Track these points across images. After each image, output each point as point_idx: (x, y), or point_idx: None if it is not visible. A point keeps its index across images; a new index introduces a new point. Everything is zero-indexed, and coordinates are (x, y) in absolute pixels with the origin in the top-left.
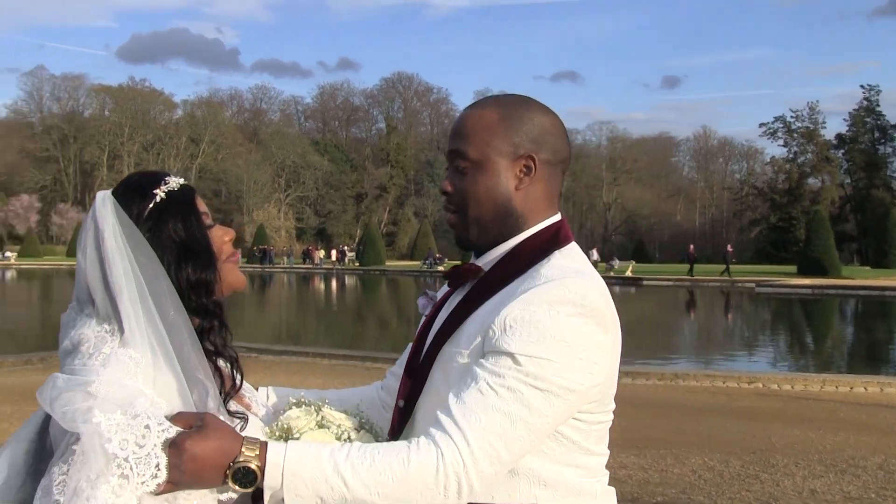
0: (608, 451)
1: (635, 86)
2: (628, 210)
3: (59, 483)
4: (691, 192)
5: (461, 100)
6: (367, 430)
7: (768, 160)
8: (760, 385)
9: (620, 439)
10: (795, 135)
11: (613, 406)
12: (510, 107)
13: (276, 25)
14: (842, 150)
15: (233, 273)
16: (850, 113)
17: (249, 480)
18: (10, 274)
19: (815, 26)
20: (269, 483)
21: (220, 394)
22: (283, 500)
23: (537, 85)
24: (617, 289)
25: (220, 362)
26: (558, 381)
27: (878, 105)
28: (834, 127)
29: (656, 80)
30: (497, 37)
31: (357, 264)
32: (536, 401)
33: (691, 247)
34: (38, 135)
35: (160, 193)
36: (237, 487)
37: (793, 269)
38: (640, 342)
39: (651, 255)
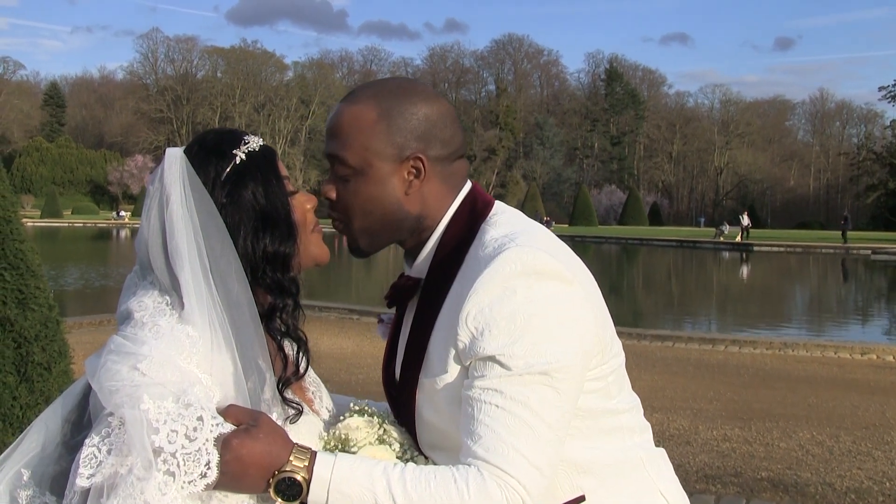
0: (636, 399)
1: (746, 48)
2: (740, 174)
3: (89, 457)
4: (806, 156)
5: (571, 62)
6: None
7: (888, 124)
8: (875, 356)
9: (724, 410)
10: None
11: (619, 343)
12: (389, 100)
13: None
14: None
15: (317, 245)
16: None
17: (294, 493)
18: (124, 233)
19: None
20: (314, 499)
21: (280, 380)
22: None
23: (646, 47)
24: (726, 254)
25: (287, 345)
26: (553, 364)
27: None
28: None
29: (768, 42)
30: None
31: None
32: (544, 394)
33: (846, 214)
34: (152, 96)
35: (240, 154)
36: (279, 499)
37: None
38: (748, 310)
39: (763, 221)
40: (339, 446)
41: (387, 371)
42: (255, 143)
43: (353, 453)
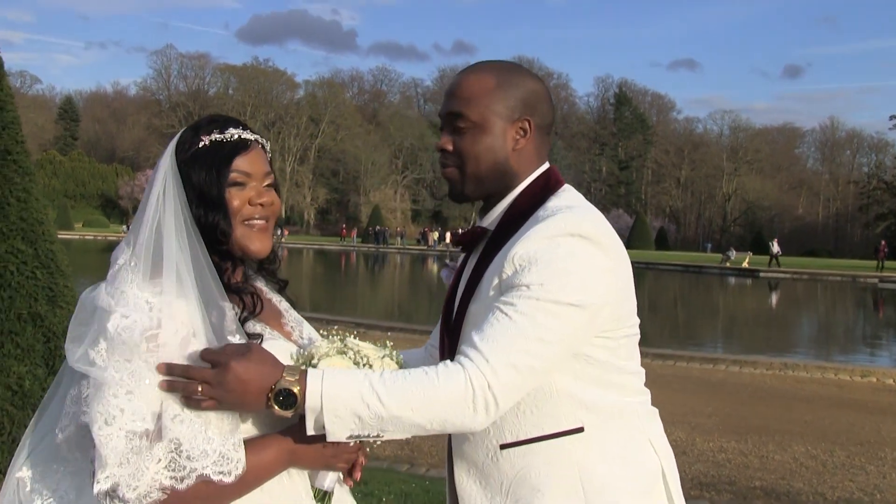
0: (642, 370)
1: (754, 74)
2: (748, 201)
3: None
4: (815, 184)
5: (581, 85)
6: (390, 357)
7: None
8: (874, 379)
9: (722, 424)
10: None
11: (636, 321)
12: (505, 73)
13: (395, 7)
14: None
15: (243, 235)
16: None
17: (290, 403)
18: None
19: None
20: (310, 404)
21: (239, 316)
22: (324, 423)
23: (654, 72)
24: (732, 280)
25: (248, 296)
26: (563, 299)
27: None
28: None
29: (777, 69)
30: (615, 23)
31: None
32: (545, 318)
33: (883, 242)
34: (164, 112)
35: (205, 140)
36: (278, 409)
37: None
38: (750, 332)
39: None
40: (306, 362)
41: (447, 308)
42: (228, 134)
43: (314, 365)
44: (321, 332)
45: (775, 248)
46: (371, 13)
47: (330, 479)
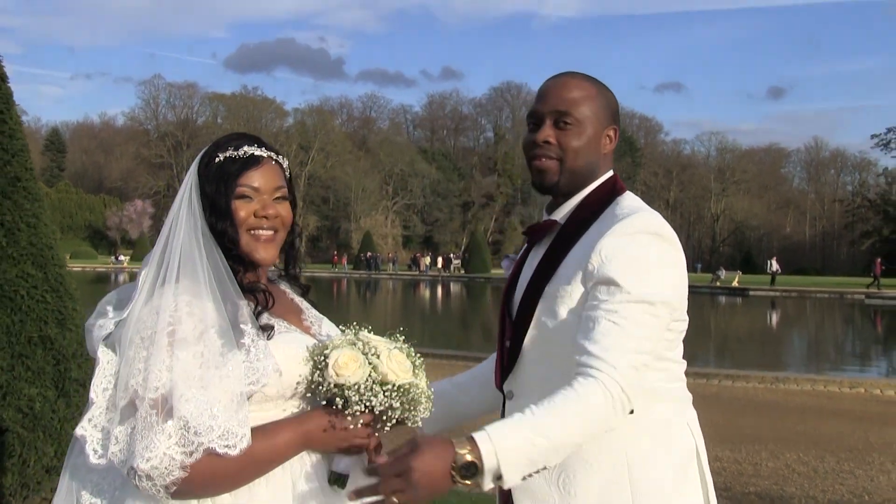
0: (684, 361)
1: (740, 96)
2: (736, 221)
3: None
4: (801, 203)
5: None
6: (399, 350)
7: (881, 171)
8: (863, 390)
9: (716, 435)
10: None
11: (687, 316)
12: (599, 84)
13: (383, 35)
14: None
15: (249, 245)
16: None
17: (473, 472)
18: (122, 277)
19: None
20: (489, 467)
21: (254, 310)
22: (500, 476)
23: (641, 95)
24: (722, 299)
25: (260, 294)
26: (654, 297)
27: None
28: None
29: (761, 91)
30: (601, 48)
31: (462, 272)
32: (643, 317)
33: (878, 260)
34: (153, 141)
35: (220, 157)
36: (465, 482)
37: None
38: (743, 349)
39: (759, 267)
40: (320, 353)
41: (507, 294)
42: (241, 151)
43: (326, 356)
44: (340, 326)
45: (774, 266)
46: (358, 41)
47: (345, 463)
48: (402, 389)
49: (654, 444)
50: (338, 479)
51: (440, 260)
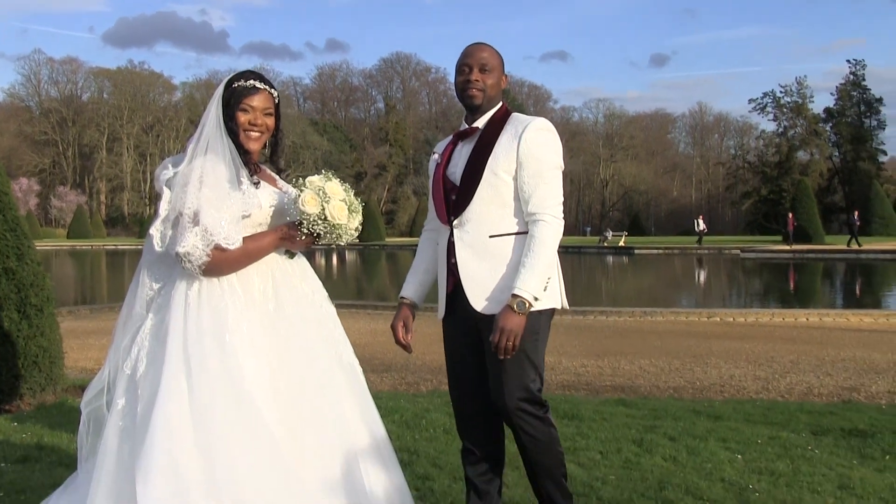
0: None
1: (623, 64)
2: (625, 186)
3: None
4: (687, 167)
5: None
6: (343, 201)
7: (759, 134)
8: (718, 319)
9: (584, 352)
10: (785, 109)
11: None
12: (496, 49)
13: (266, 8)
14: (829, 124)
15: (244, 139)
16: (836, 87)
17: (528, 307)
18: None
19: (804, 4)
20: (530, 298)
21: (250, 174)
22: (536, 297)
23: (527, 65)
24: (610, 258)
25: (252, 165)
26: (560, 165)
27: (863, 80)
28: (823, 102)
29: (644, 59)
30: (487, 18)
31: (357, 241)
32: (560, 176)
33: (791, 215)
34: (36, 118)
35: (235, 84)
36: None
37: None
38: (619, 293)
39: (646, 230)
40: (294, 200)
41: (443, 176)
42: (249, 83)
43: (301, 192)
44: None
45: (701, 225)
46: (242, 14)
47: (295, 250)
48: (334, 226)
49: None
50: (291, 255)
51: None
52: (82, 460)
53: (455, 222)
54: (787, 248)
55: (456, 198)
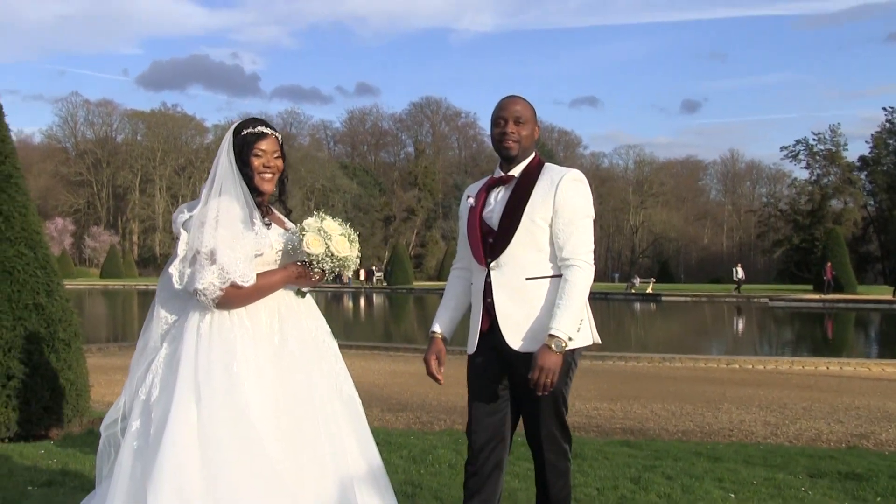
0: None
1: (653, 110)
2: (655, 233)
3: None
4: (718, 215)
5: (489, 123)
6: (343, 235)
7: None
8: (737, 366)
9: (599, 395)
10: (818, 157)
11: None
12: (529, 102)
13: (298, 52)
14: (864, 172)
15: (258, 181)
16: (872, 135)
17: (564, 345)
18: None
19: (835, 51)
20: (565, 338)
21: (262, 216)
22: (571, 337)
23: (557, 109)
24: (637, 305)
25: (263, 208)
26: (593, 214)
27: None
28: (858, 150)
29: (675, 105)
30: (516, 63)
31: (385, 284)
32: (590, 225)
33: (829, 264)
34: (72, 159)
35: (244, 131)
36: (563, 351)
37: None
38: (640, 338)
39: (676, 277)
40: (299, 232)
41: (480, 222)
42: (257, 130)
43: (301, 239)
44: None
45: (740, 273)
46: (273, 57)
47: (306, 289)
48: (340, 259)
49: None
50: (301, 294)
51: (363, 272)
52: (101, 479)
53: (492, 264)
54: (817, 297)
55: (493, 241)
